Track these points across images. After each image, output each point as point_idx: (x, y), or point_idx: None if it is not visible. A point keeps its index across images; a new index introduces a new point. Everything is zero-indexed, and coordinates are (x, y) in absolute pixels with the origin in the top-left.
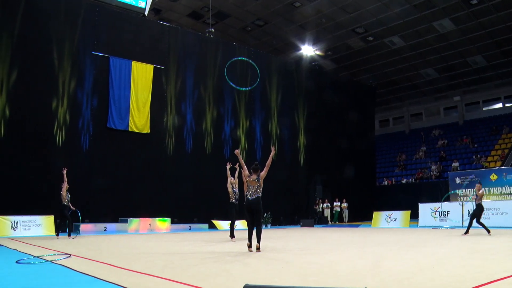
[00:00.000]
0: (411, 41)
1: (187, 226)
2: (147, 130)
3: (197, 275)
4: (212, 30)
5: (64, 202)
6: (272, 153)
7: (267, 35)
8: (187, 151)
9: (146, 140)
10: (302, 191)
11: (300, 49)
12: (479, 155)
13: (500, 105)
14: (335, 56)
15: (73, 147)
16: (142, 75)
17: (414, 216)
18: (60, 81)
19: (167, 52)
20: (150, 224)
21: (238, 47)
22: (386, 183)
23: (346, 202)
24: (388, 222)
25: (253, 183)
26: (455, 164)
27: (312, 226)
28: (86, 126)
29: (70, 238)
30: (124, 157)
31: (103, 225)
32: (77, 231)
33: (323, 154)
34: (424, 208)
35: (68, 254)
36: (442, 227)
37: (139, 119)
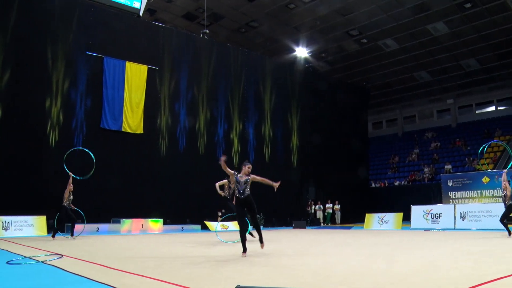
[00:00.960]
0: (405, 43)
1: (179, 227)
2: (140, 130)
3: (189, 276)
4: (207, 31)
5: (65, 203)
6: (274, 184)
7: (261, 36)
8: (180, 152)
9: (139, 141)
10: (294, 192)
11: (294, 51)
12: (471, 158)
13: (493, 108)
14: (329, 58)
15: (66, 147)
16: (136, 76)
17: (407, 218)
18: (54, 81)
19: (161, 53)
20: (142, 224)
21: (232, 48)
22: (378, 185)
23: (339, 204)
24: (381, 224)
25: (242, 184)
26: (448, 166)
27: (304, 227)
28: (80, 126)
29: (71, 238)
30: (117, 157)
31: (95, 225)
32: (68, 231)
33: (316, 155)
34: (416, 211)
35: (60, 255)
36: (434, 229)
37: (133, 119)
